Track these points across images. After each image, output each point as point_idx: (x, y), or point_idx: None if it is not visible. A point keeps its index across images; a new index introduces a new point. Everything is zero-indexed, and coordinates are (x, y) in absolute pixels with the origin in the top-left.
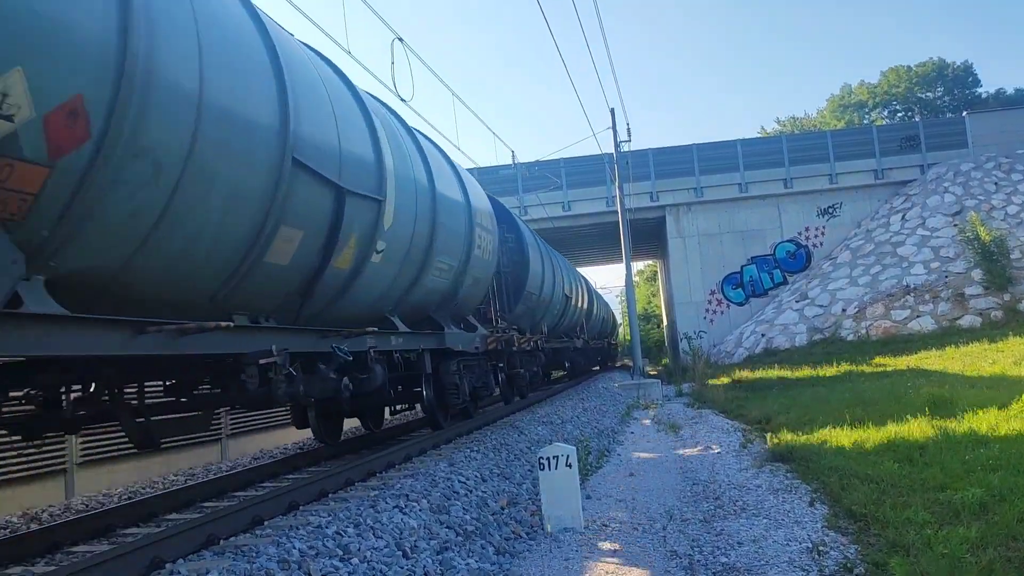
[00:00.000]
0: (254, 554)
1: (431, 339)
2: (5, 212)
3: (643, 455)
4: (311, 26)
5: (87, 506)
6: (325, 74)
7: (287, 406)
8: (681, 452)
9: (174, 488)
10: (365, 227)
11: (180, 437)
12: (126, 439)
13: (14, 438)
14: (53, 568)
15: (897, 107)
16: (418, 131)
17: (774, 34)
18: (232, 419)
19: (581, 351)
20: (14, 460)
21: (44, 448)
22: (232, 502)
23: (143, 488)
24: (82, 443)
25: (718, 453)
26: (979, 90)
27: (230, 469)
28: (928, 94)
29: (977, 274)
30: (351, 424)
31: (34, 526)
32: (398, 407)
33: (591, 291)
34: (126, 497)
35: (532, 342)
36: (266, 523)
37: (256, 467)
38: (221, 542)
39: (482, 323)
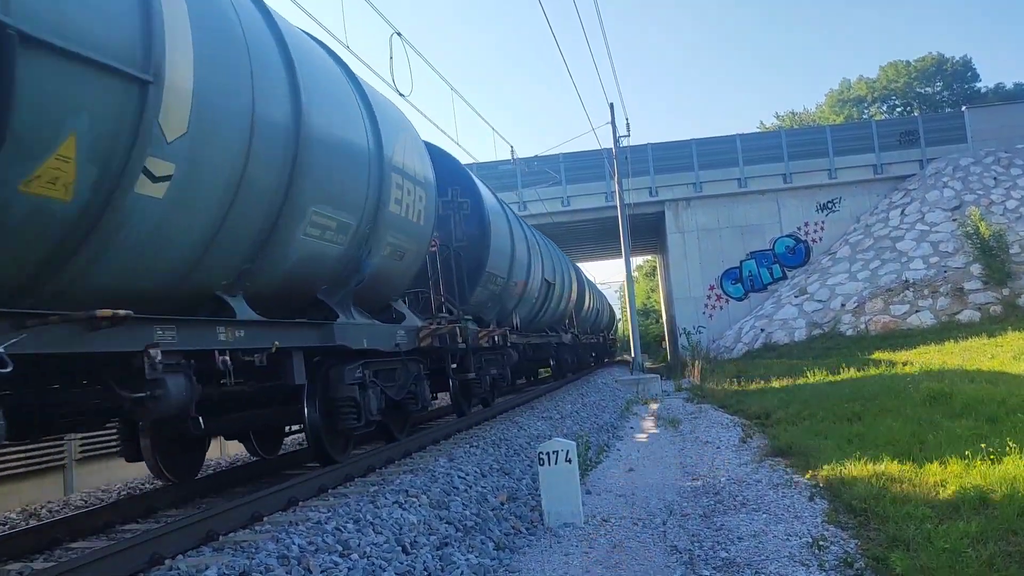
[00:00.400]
0: (253, 550)
1: (306, 333)
2: None
3: (643, 450)
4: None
5: (86, 502)
6: None
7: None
8: (681, 447)
9: (173, 484)
10: (103, 126)
11: None
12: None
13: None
14: (52, 564)
15: (896, 102)
16: (313, 37)
17: (773, 29)
18: None
19: (570, 347)
20: (13, 456)
21: (43, 445)
22: (231, 498)
23: (142, 484)
24: (81, 440)
25: (718, 448)
26: (978, 85)
27: (230, 465)
28: (927, 89)
29: (976, 269)
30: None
31: (33, 522)
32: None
33: (583, 281)
34: (125, 493)
35: (494, 336)
36: (265, 519)
37: (255, 463)
38: (220, 538)
39: (420, 312)
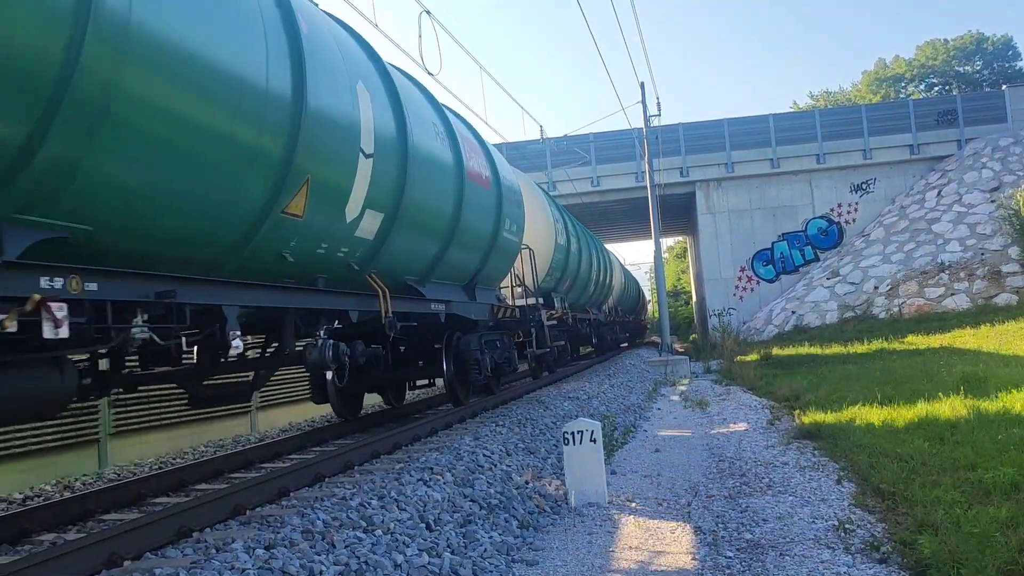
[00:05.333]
0: (279, 524)
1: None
2: None
3: (669, 431)
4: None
5: (119, 475)
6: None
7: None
8: (708, 429)
9: (203, 459)
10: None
11: (213, 409)
12: (157, 410)
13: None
14: (83, 535)
15: (934, 81)
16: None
17: (808, 7)
18: (261, 391)
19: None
20: (49, 430)
21: (78, 419)
22: (259, 473)
23: (173, 458)
24: (115, 414)
25: (745, 430)
26: (1019, 64)
27: (259, 441)
28: (966, 68)
29: (1015, 252)
30: (372, 400)
31: (67, 494)
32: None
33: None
34: (156, 467)
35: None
36: (291, 494)
37: (284, 439)
38: (247, 512)
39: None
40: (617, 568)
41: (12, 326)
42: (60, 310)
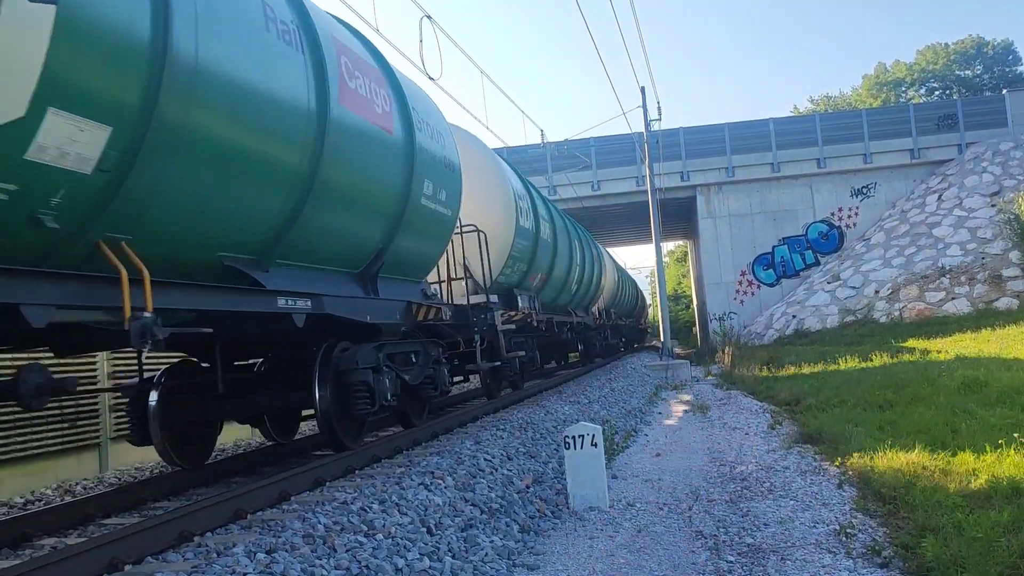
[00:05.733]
0: (280, 528)
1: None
2: None
3: (670, 436)
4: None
5: (120, 480)
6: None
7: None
8: (709, 433)
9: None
10: None
11: None
12: None
13: (49, 413)
14: (83, 540)
15: (934, 85)
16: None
17: (807, 11)
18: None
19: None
20: (50, 434)
21: (79, 423)
22: (260, 477)
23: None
24: (116, 418)
25: (746, 434)
26: (1019, 68)
27: (260, 445)
28: (966, 72)
29: (1015, 256)
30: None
31: (68, 498)
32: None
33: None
34: (157, 471)
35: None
36: (292, 499)
37: (285, 443)
38: (248, 516)
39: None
40: (618, 572)
41: None
42: None
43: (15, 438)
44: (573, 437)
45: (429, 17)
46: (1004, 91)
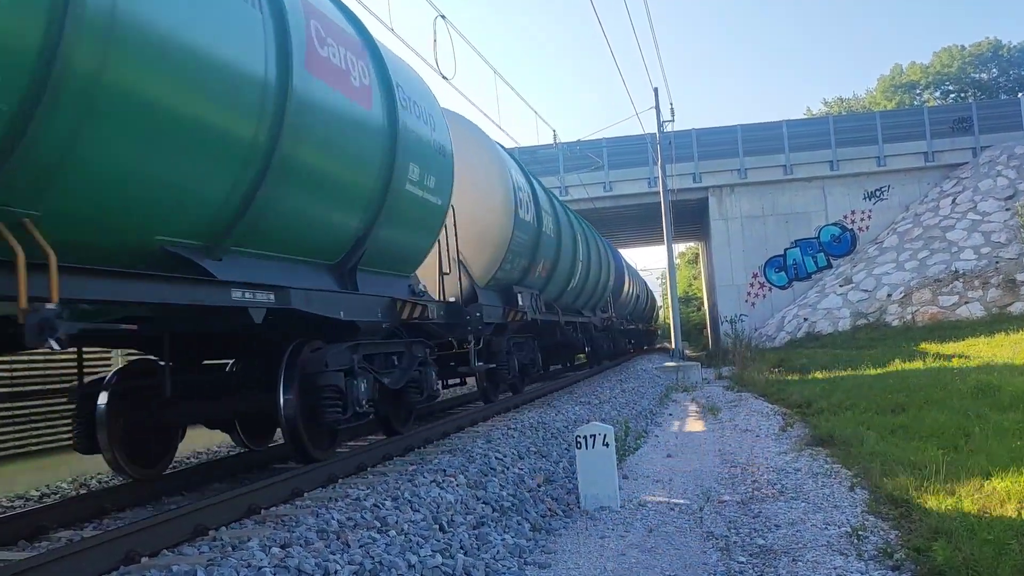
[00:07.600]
0: (294, 524)
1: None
2: None
3: (681, 437)
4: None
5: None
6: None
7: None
8: (720, 435)
9: (218, 458)
10: None
11: None
12: None
13: (65, 408)
14: (99, 532)
15: (950, 88)
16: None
17: (822, 13)
18: None
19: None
20: (65, 429)
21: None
22: (274, 474)
23: (188, 458)
24: None
25: (757, 436)
26: None
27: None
28: (982, 75)
29: None
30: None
31: (83, 492)
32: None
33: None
34: (172, 466)
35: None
36: (306, 495)
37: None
38: (262, 511)
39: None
40: (629, 571)
41: None
42: None
43: (32, 432)
44: (585, 437)
45: (443, 17)
46: (1020, 95)
